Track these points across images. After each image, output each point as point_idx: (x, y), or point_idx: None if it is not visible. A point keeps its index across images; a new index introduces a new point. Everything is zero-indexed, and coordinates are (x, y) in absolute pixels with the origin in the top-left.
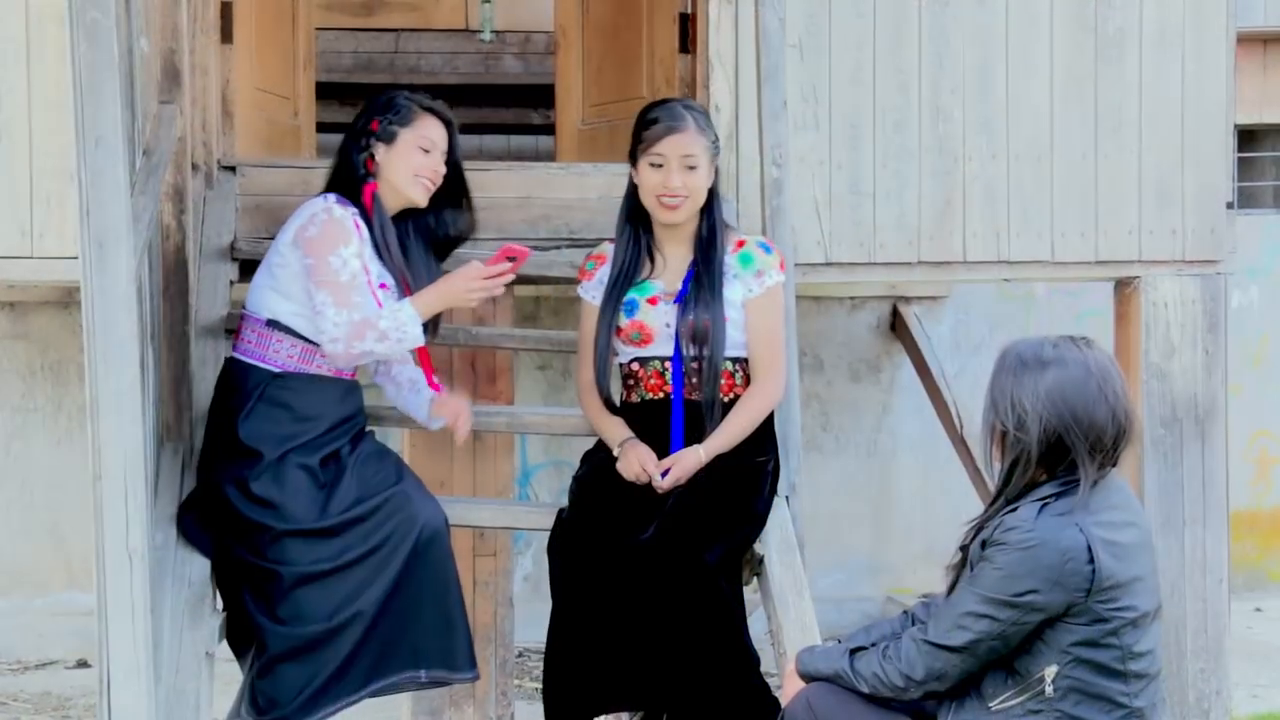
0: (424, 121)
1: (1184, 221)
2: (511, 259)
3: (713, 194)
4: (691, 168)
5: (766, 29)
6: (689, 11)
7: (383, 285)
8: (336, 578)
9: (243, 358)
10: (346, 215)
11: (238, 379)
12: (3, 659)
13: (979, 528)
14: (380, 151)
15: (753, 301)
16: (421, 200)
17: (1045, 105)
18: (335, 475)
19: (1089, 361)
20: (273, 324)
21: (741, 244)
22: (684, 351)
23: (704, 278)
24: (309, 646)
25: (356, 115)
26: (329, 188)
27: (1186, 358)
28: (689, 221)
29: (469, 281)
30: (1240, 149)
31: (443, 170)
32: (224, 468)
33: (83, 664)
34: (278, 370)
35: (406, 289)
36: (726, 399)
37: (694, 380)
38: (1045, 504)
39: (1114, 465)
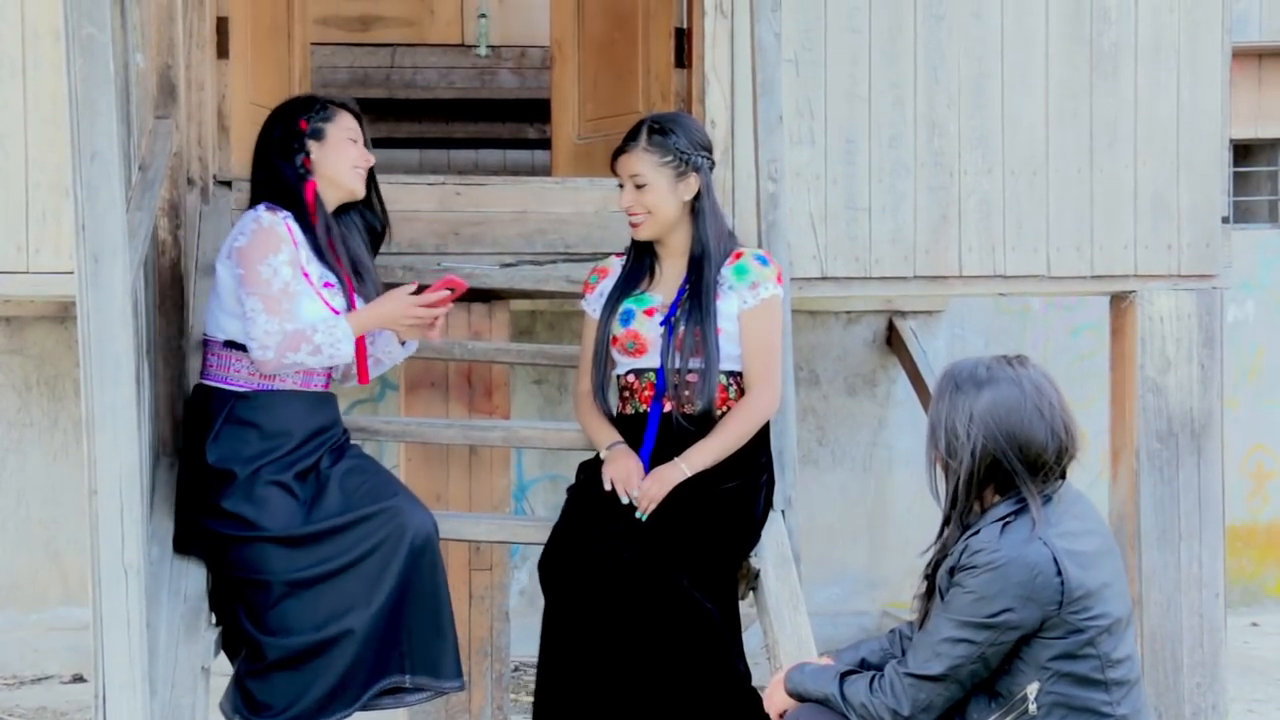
0: (343, 115)
1: (1179, 236)
2: (450, 289)
3: (700, 209)
4: (640, 186)
5: (762, 43)
6: (685, 26)
7: (327, 284)
8: (323, 587)
9: (207, 382)
10: (277, 221)
11: (203, 403)
12: None
13: (940, 555)
14: (315, 149)
15: (747, 313)
16: (362, 189)
17: (1040, 119)
18: (316, 489)
19: (1023, 381)
20: (230, 344)
21: (739, 256)
22: (671, 365)
23: (694, 293)
24: (301, 657)
25: (268, 125)
26: (255, 199)
27: (1182, 372)
28: (678, 236)
29: (408, 309)
30: (1235, 164)
31: (372, 158)
32: (197, 496)
33: (78, 679)
34: (242, 390)
35: (350, 286)
36: (720, 412)
37: (686, 394)
38: (1006, 523)
39: (1062, 479)
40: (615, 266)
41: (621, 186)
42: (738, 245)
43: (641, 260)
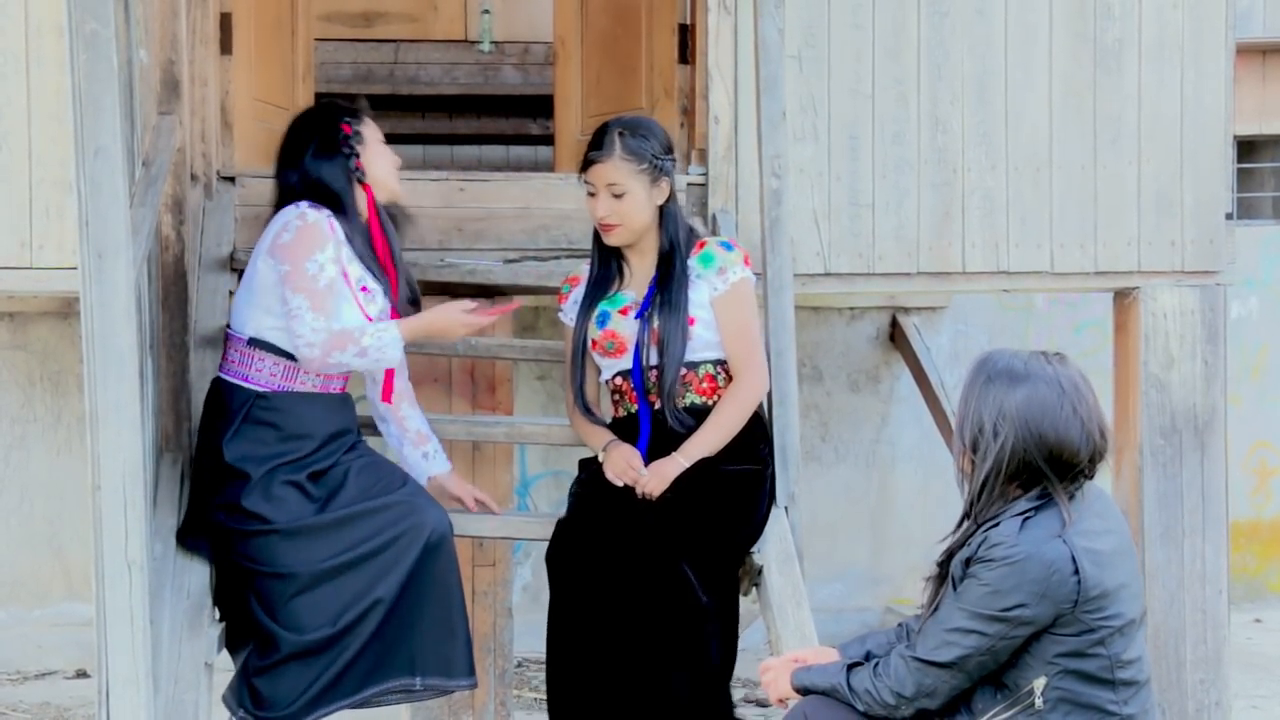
0: (368, 120)
1: (1183, 232)
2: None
3: (668, 211)
4: (618, 196)
5: (765, 39)
6: (688, 22)
7: (364, 289)
8: (339, 580)
9: (227, 377)
10: (321, 218)
11: (223, 399)
12: (2, 669)
13: (957, 544)
14: (362, 153)
15: (719, 299)
16: (402, 192)
17: (1044, 116)
18: (333, 484)
19: (1061, 380)
20: (254, 342)
21: (703, 245)
22: (647, 361)
23: (664, 289)
24: (316, 650)
25: (298, 129)
26: (289, 199)
27: (1186, 368)
28: (647, 236)
29: (459, 315)
30: (1239, 160)
31: (399, 158)
32: (212, 491)
33: (82, 674)
34: (262, 390)
35: (394, 288)
36: (711, 401)
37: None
38: (1026, 518)
39: (1089, 479)
40: (586, 273)
41: (591, 195)
42: (700, 236)
43: (609, 262)
